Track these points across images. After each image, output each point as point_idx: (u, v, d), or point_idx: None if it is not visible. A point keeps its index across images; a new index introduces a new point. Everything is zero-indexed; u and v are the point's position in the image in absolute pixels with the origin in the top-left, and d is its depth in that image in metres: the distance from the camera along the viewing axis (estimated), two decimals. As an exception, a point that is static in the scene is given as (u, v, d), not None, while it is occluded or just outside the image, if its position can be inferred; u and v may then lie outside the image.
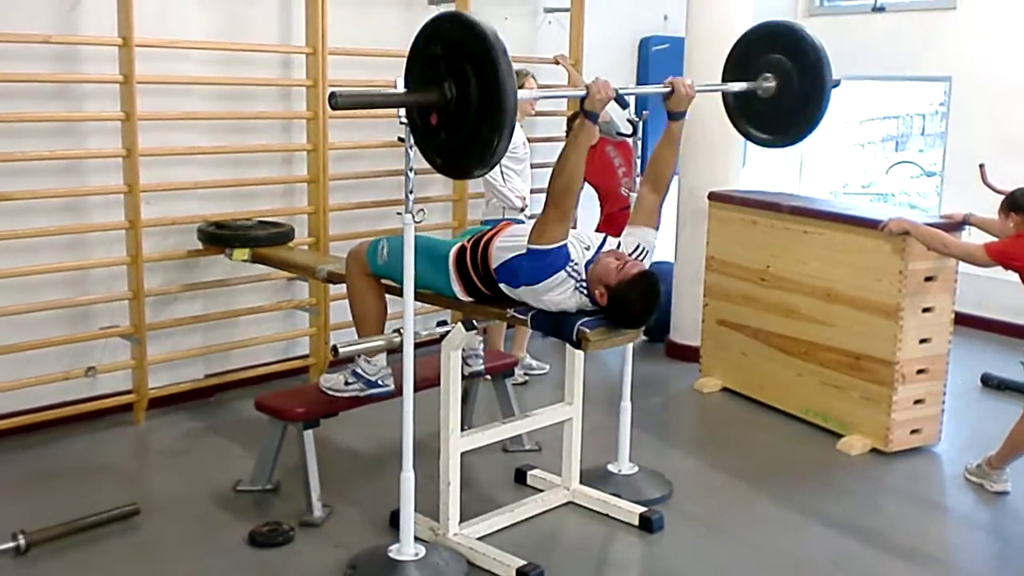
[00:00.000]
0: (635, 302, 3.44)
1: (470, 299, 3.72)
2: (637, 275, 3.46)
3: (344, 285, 4.37)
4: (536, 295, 3.49)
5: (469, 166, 3.15)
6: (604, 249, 3.62)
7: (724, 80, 4.15)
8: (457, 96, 3.00)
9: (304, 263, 5.06)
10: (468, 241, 3.71)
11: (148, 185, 4.96)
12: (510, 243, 3.56)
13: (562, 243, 3.47)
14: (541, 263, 3.45)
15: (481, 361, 4.53)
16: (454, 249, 3.71)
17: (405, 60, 3.16)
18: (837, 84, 3.96)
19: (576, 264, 3.49)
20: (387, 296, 3.94)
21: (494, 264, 3.56)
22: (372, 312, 3.94)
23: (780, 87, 3.98)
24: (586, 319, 3.46)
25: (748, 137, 4.31)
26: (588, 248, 3.61)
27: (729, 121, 4.32)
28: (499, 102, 2.92)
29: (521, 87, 5.49)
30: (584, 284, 3.48)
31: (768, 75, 3.97)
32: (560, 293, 3.47)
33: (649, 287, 3.47)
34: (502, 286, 3.57)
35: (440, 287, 3.73)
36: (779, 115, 4.06)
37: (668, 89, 3.72)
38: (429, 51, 3.06)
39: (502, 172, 5.44)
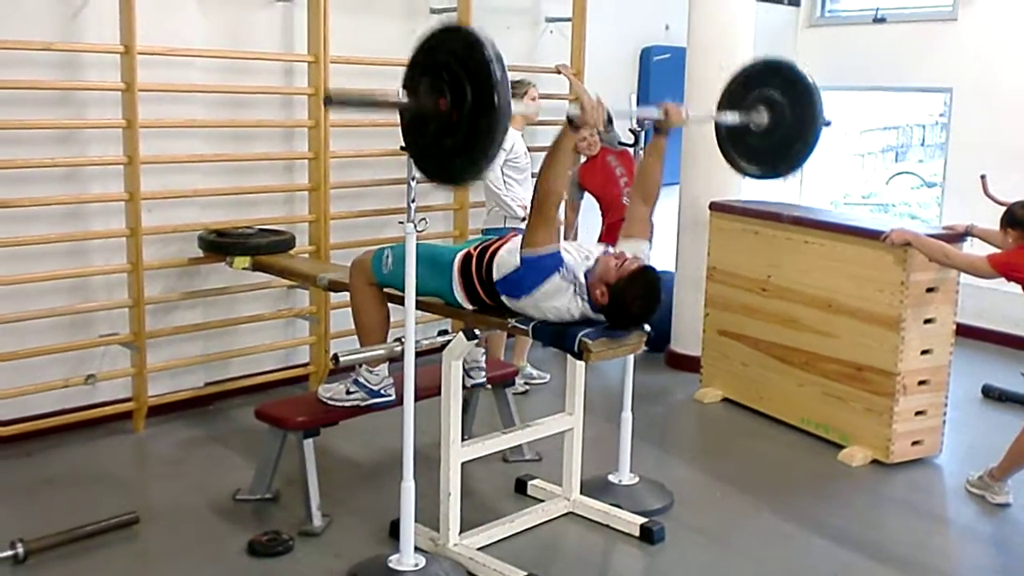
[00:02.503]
0: (636, 298, 3.46)
1: (473, 307, 3.71)
2: (637, 270, 3.48)
3: (344, 294, 4.36)
4: (537, 305, 3.48)
5: (455, 175, 3.14)
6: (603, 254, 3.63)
7: (719, 110, 4.14)
8: (452, 105, 2.98)
9: (305, 271, 5.05)
10: (474, 249, 3.71)
11: (149, 193, 4.96)
12: (510, 259, 3.55)
13: (553, 249, 3.48)
14: (534, 269, 3.45)
15: (483, 373, 4.53)
16: (459, 256, 3.71)
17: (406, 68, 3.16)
18: (828, 124, 3.98)
19: (572, 268, 3.49)
20: (390, 305, 3.94)
21: (496, 276, 3.56)
22: (375, 322, 3.93)
23: (772, 121, 3.99)
24: (588, 330, 3.45)
25: (735, 167, 4.31)
26: (587, 257, 3.61)
27: (718, 149, 4.31)
28: (493, 114, 2.89)
29: (524, 95, 5.52)
30: (584, 289, 3.48)
31: (761, 108, 3.97)
32: (559, 300, 3.47)
33: (649, 282, 3.49)
34: (504, 299, 3.57)
35: (444, 293, 3.73)
36: (768, 149, 4.07)
37: (661, 116, 3.81)
38: (427, 59, 3.05)
39: (504, 180, 5.44)
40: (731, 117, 4.02)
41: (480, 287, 3.64)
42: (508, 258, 3.56)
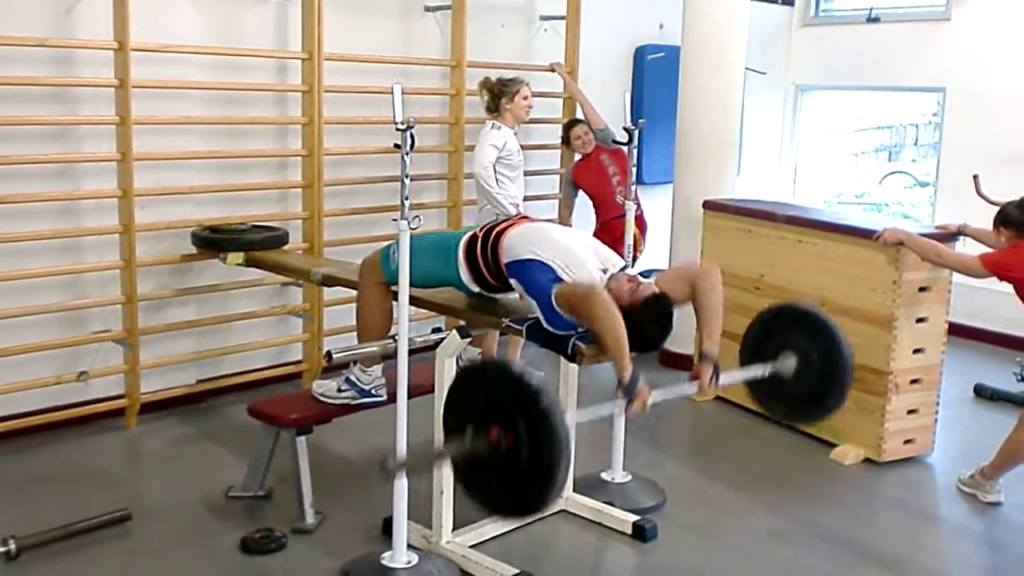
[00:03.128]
0: (648, 323, 3.41)
1: (479, 288, 3.70)
2: (650, 297, 3.43)
3: (337, 290, 4.36)
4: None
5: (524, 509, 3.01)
6: (618, 273, 3.59)
7: (742, 354, 3.90)
8: (508, 446, 2.80)
9: (298, 266, 5.05)
10: (480, 230, 3.70)
11: (143, 189, 4.95)
12: (523, 244, 3.54)
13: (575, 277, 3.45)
14: (555, 319, 3.42)
15: None
16: (465, 238, 3.70)
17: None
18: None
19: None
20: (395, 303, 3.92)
21: (505, 259, 3.54)
22: (377, 321, 3.91)
23: (800, 368, 3.70)
24: (582, 332, 3.44)
25: (773, 414, 4.09)
26: (606, 272, 3.58)
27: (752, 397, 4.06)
28: (553, 457, 2.73)
29: (516, 93, 5.52)
30: None
31: (788, 353, 3.72)
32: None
33: (662, 309, 3.44)
34: (513, 281, 3.56)
35: (452, 278, 3.72)
36: (800, 396, 3.79)
37: (695, 392, 3.62)
38: (474, 399, 2.93)
39: (496, 178, 5.44)
40: (761, 371, 3.73)
41: (485, 268, 3.62)
42: (520, 244, 3.53)
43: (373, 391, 4.04)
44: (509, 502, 2.94)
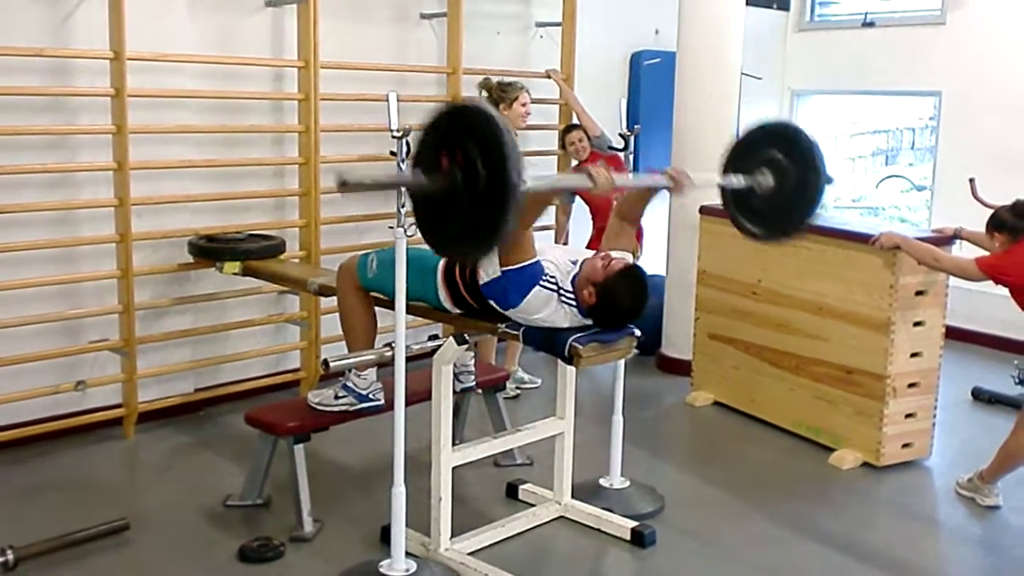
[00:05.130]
0: (624, 294, 3.46)
1: (458, 310, 3.71)
2: (624, 267, 3.50)
3: (335, 299, 4.33)
4: (526, 316, 3.48)
5: (469, 251, 3.10)
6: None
7: (724, 172, 3.99)
8: (464, 183, 2.87)
9: (295, 276, 5.05)
10: None
11: (139, 198, 4.95)
12: (492, 266, 3.53)
13: (531, 259, 3.46)
14: (516, 282, 3.44)
15: (473, 377, 4.53)
16: (443, 260, 3.69)
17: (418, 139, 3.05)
18: (831, 181, 3.88)
19: (554, 277, 3.48)
20: (379, 309, 3.93)
21: (482, 280, 3.55)
22: (362, 326, 3.93)
23: (777, 183, 3.83)
24: (578, 335, 3.45)
25: (742, 229, 4.10)
26: (575, 262, 3.61)
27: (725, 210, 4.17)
28: (506, 191, 2.79)
29: (515, 100, 5.52)
30: (571, 296, 3.48)
31: (765, 170, 3.83)
32: (545, 311, 3.46)
33: (636, 278, 3.51)
34: (491, 303, 3.57)
35: (428, 297, 3.73)
36: (774, 210, 3.90)
37: (669, 184, 3.70)
38: (438, 138, 2.97)
39: None
40: (736, 180, 3.86)
41: (465, 290, 3.64)
42: (491, 264, 3.54)
43: (371, 395, 4.04)
44: (476, 223, 2.90)
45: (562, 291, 3.47)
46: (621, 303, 3.47)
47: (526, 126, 5.78)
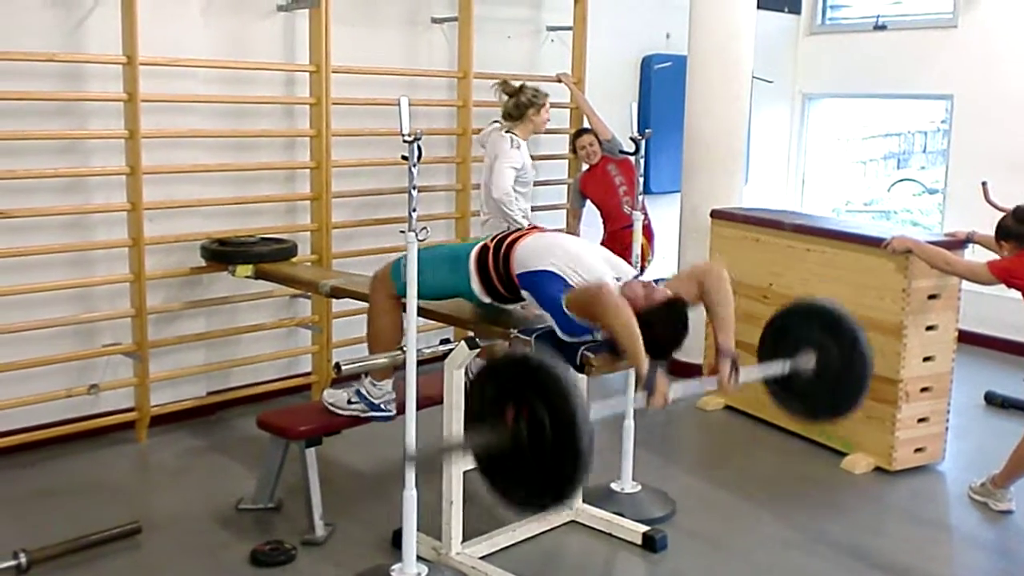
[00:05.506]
0: (665, 328, 3.33)
1: (489, 299, 3.68)
2: (665, 301, 3.37)
3: (346, 302, 4.34)
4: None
5: (547, 501, 3.02)
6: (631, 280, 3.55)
7: (760, 353, 3.85)
8: (529, 437, 2.80)
9: (307, 278, 5.05)
10: (491, 240, 3.67)
11: (151, 203, 4.97)
12: (535, 255, 3.51)
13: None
14: (569, 325, 3.39)
15: None
16: (476, 248, 3.67)
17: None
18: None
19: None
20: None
21: (517, 270, 3.52)
22: (387, 334, 3.88)
23: (819, 365, 3.64)
24: (591, 343, 3.43)
25: (791, 410, 3.91)
26: (619, 279, 3.52)
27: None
28: (576, 443, 2.73)
29: (542, 107, 5.50)
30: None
31: (807, 350, 3.65)
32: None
33: (678, 312, 3.36)
34: (524, 294, 3.54)
35: (463, 290, 3.69)
36: (820, 392, 3.70)
37: (714, 385, 3.54)
38: (494, 392, 2.94)
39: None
40: (779, 368, 3.68)
41: (497, 279, 3.59)
42: (532, 255, 3.49)
43: (383, 406, 4.04)
44: (542, 487, 2.86)
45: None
46: (661, 336, 3.33)
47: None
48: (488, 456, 2.94)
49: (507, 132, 5.46)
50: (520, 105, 5.46)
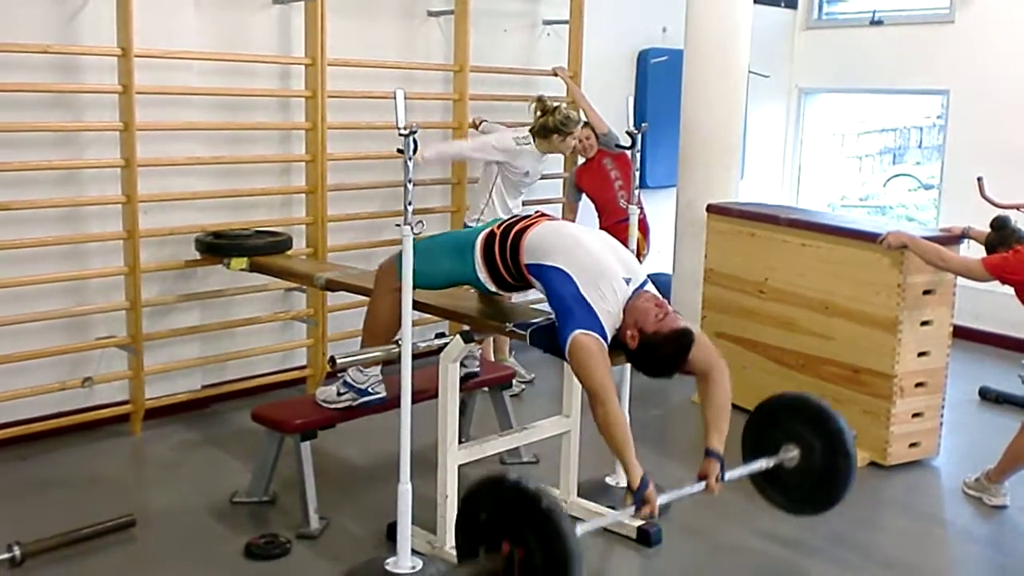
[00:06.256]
0: (666, 358, 3.36)
1: (496, 286, 3.65)
2: (679, 330, 3.34)
3: (341, 295, 4.32)
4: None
5: None
6: (644, 290, 3.50)
7: (744, 445, 3.93)
8: (521, 557, 2.86)
9: (302, 271, 5.05)
10: (498, 227, 3.63)
11: (146, 195, 4.96)
12: (546, 247, 3.46)
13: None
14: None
15: (477, 362, 4.51)
16: (482, 235, 3.64)
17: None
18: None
19: (610, 311, 3.37)
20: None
21: (527, 259, 3.48)
22: (384, 327, 3.85)
23: (802, 458, 3.76)
24: None
25: (773, 503, 3.97)
26: (629, 281, 3.46)
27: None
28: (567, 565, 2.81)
29: (569, 135, 5.46)
30: (615, 329, 3.39)
31: (790, 445, 3.77)
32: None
33: (685, 347, 3.35)
34: (533, 280, 3.50)
35: (469, 277, 3.67)
36: (804, 486, 3.82)
37: (702, 487, 3.56)
38: (484, 516, 2.99)
39: (497, 189, 5.47)
40: (763, 464, 3.77)
41: (503, 266, 3.56)
42: (543, 249, 3.45)
43: (370, 389, 4.04)
44: None
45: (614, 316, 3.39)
46: (661, 364, 3.38)
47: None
48: None
49: (527, 143, 5.46)
50: (546, 127, 5.43)
